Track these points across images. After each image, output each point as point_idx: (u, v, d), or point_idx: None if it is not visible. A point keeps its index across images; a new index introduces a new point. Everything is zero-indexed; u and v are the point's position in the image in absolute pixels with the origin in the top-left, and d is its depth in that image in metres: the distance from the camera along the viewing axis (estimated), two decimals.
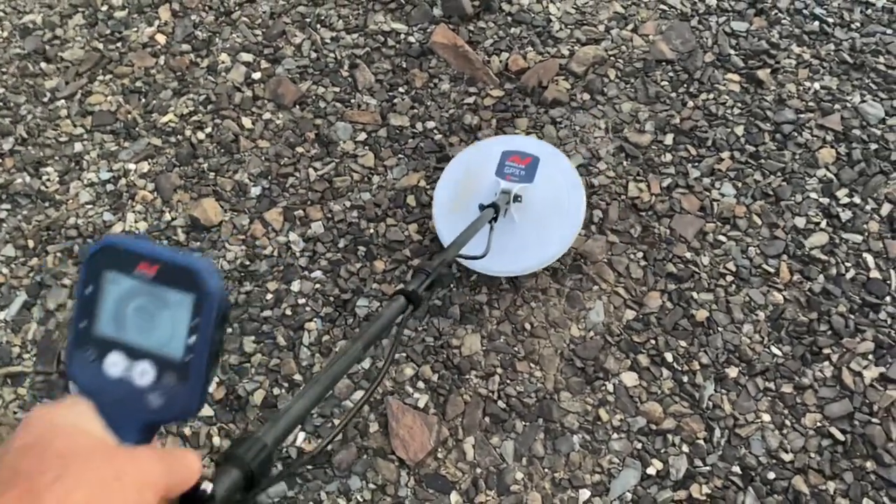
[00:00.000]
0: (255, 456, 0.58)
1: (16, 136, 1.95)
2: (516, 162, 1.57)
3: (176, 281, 0.47)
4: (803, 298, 1.56)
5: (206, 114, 1.92)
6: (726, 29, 1.89)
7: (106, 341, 0.48)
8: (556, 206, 1.62)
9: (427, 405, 1.52)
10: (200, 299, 0.47)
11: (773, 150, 1.72)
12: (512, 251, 1.57)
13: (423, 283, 0.99)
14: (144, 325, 0.48)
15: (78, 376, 0.48)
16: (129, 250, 0.48)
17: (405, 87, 1.91)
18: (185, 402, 0.47)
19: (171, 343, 0.47)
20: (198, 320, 0.47)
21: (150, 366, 0.47)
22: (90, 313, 0.48)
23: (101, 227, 1.79)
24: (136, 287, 0.48)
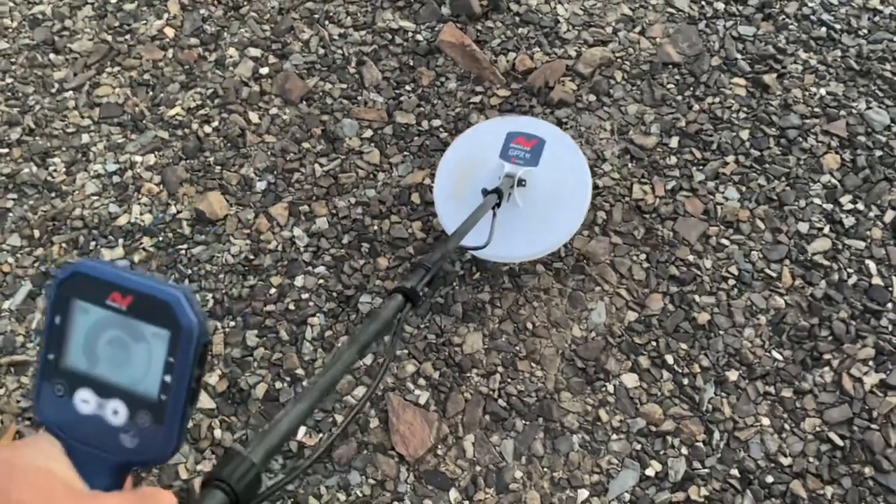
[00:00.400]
0: (241, 477, 0.55)
1: (23, 126, 1.95)
2: (521, 144, 1.54)
3: (151, 314, 0.43)
4: (805, 303, 1.57)
5: (214, 108, 1.93)
6: (733, 33, 1.89)
7: (76, 375, 0.44)
8: (561, 190, 1.57)
9: (428, 402, 1.53)
10: (177, 335, 0.43)
11: (777, 154, 1.73)
12: (516, 237, 1.53)
13: (422, 279, 0.97)
14: (117, 360, 0.44)
15: (45, 412, 0.45)
16: (100, 278, 0.44)
17: (412, 84, 1.92)
18: (160, 445, 0.44)
19: (146, 380, 0.44)
20: (174, 358, 0.43)
21: (123, 404, 0.44)
22: (59, 345, 0.44)
23: (107, 218, 1.79)
24: (108, 318, 0.44)
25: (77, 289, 0.44)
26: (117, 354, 0.44)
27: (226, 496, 0.54)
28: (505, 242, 1.50)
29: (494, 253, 1.54)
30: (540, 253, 1.57)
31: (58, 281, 0.44)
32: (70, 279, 0.44)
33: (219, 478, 0.55)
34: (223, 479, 0.55)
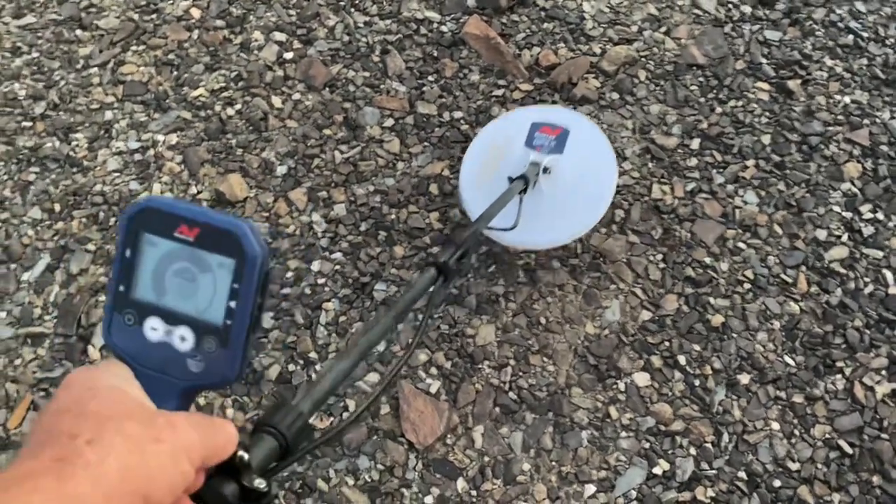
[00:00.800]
0: (290, 424, 0.57)
1: (48, 100, 1.97)
2: (546, 133, 1.55)
3: (217, 244, 0.45)
4: (820, 310, 1.57)
5: (237, 90, 1.94)
6: (759, 37, 1.89)
7: (145, 306, 0.47)
8: (586, 178, 1.58)
9: (439, 391, 1.54)
10: (242, 263, 0.45)
11: (798, 161, 1.72)
12: (540, 223, 1.53)
13: (454, 254, 0.97)
14: (184, 290, 0.46)
15: (116, 341, 0.47)
16: (168, 212, 0.46)
17: (435, 75, 1.92)
18: (226, 369, 0.46)
19: (212, 308, 0.46)
20: (239, 284, 0.45)
21: (190, 331, 0.46)
22: (128, 277, 0.47)
23: (128, 195, 1.81)
24: (175, 250, 0.46)
25: (146, 223, 0.46)
26: (184, 285, 0.46)
27: (276, 442, 0.55)
28: (529, 229, 1.51)
29: (519, 239, 1.55)
30: (564, 240, 1.57)
31: (128, 216, 0.46)
32: (140, 214, 0.46)
33: (269, 424, 0.56)
34: (273, 425, 0.56)
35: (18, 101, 1.97)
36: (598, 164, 1.59)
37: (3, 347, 1.64)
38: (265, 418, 0.57)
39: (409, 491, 1.45)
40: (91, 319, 1.66)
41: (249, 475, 0.49)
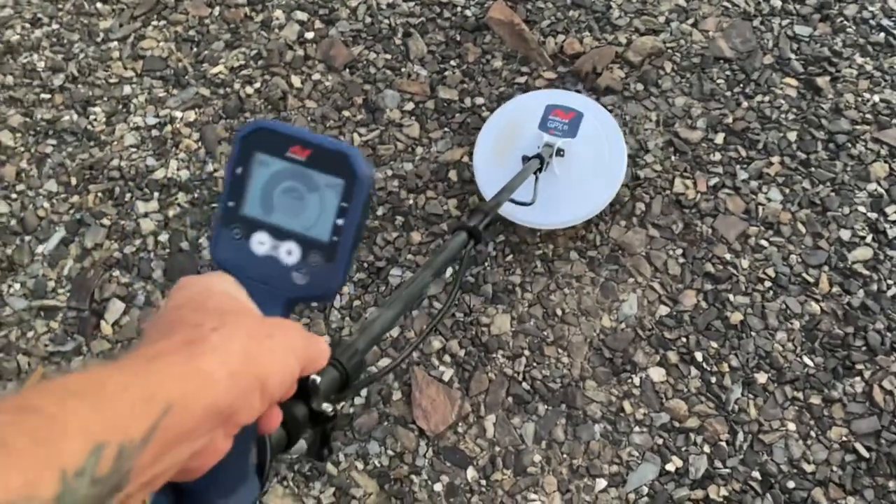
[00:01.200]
0: (349, 358, 0.60)
1: (67, 73, 1.96)
2: (559, 116, 1.59)
3: (328, 165, 0.47)
4: (841, 311, 1.54)
5: (257, 69, 1.92)
6: (789, 32, 1.85)
7: (253, 221, 0.49)
8: (597, 162, 1.62)
9: (452, 379, 1.53)
10: (351, 183, 0.47)
11: (824, 159, 1.69)
12: (552, 204, 1.57)
13: (482, 220, 1.01)
14: (292, 207, 0.48)
15: (223, 254, 0.49)
16: (282, 133, 0.48)
17: (457, 60, 1.90)
18: (329, 281, 0.49)
19: (318, 225, 0.48)
20: (347, 203, 0.48)
21: (296, 245, 0.48)
22: (238, 194, 0.48)
23: (144, 170, 1.80)
24: (287, 169, 0.48)
25: (260, 142, 0.48)
26: (292, 202, 0.48)
27: (337, 373, 0.59)
28: (542, 209, 1.54)
29: (532, 219, 1.58)
30: (576, 220, 1.59)
31: (242, 135, 0.48)
32: (253, 134, 0.48)
33: (331, 356, 0.59)
34: (334, 357, 0.59)
35: (37, 72, 1.96)
36: (609, 149, 1.63)
37: (15, 319, 1.64)
38: None
39: (418, 478, 1.44)
40: (104, 294, 1.65)
41: (318, 399, 0.53)
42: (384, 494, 1.43)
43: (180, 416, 0.36)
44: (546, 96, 1.71)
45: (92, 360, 1.58)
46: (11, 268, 1.70)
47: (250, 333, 0.41)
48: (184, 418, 0.36)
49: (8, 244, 1.72)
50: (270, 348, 0.41)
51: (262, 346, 0.41)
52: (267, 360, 0.41)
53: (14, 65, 1.97)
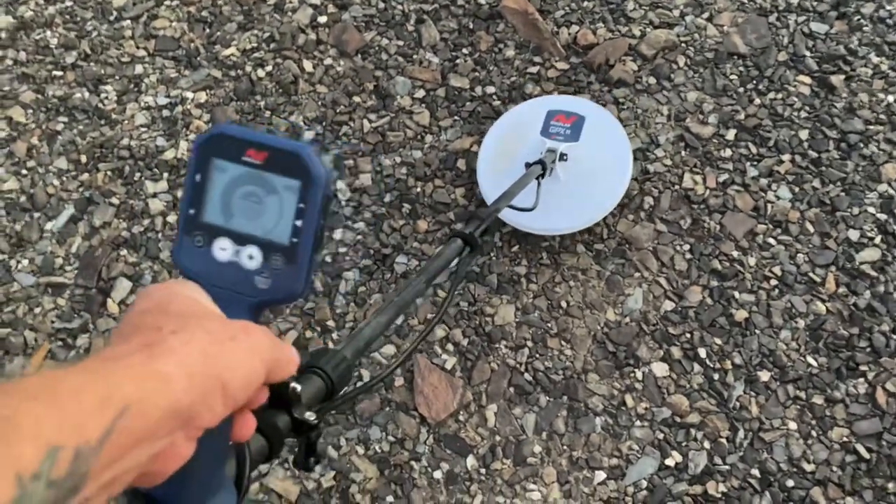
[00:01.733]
0: (335, 366, 0.60)
1: (79, 50, 1.96)
2: (561, 121, 1.57)
3: (284, 167, 0.47)
4: (846, 312, 1.54)
5: (269, 52, 1.92)
6: (804, 29, 1.84)
7: (214, 228, 0.49)
8: (602, 166, 1.61)
9: (454, 368, 1.53)
10: (307, 184, 0.47)
11: (835, 158, 1.68)
12: (556, 210, 1.56)
13: (478, 227, 1.01)
14: (252, 211, 0.48)
15: (186, 262, 0.49)
16: (237, 137, 0.48)
17: (469, 48, 1.89)
18: (292, 284, 0.49)
19: (278, 227, 0.48)
20: (304, 204, 0.48)
21: (257, 250, 0.48)
22: (198, 201, 0.49)
23: (154, 150, 1.80)
24: (244, 174, 0.48)
25: (217, 148, 0.48)
26: (251, 207, 0.48)
27: (322, 382, 0.59)
28: (545, 215, 1.53)
29: (536, 224, 1.57)
30: (580, 226, 1.59)
31: (200, 141, 0.48)
32: (210, 140, 0.48)
33: (315, 365, 0.61)
34: (319, 366, 0.60)
35: (50, 49, 1.96)
36: (613, 152, 1.62)
37: (23, 295, 1.65)
38: (312, 360, 0.62)
39: (418, 464, 1.45)
40: (112, 273, 1.66)
41: (300, 408, 0.54)
42: (384, 479, 1.44)
43: (137, 417, 0.36)
44: (547, 102, 1.70)
45: (96, 339, 1.59)
46: (20, 244, 1.71)
47: (211, 335, 0.41)
48: (141, 420, 0.36)
49: (17, 220, 1.73)
50: (232, 350, 0.41)
51: (223, 347, 0.41)
52: (228, 362, 0.41)
53: (27, 41, 1.97)
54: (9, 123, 1.85)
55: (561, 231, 1.60)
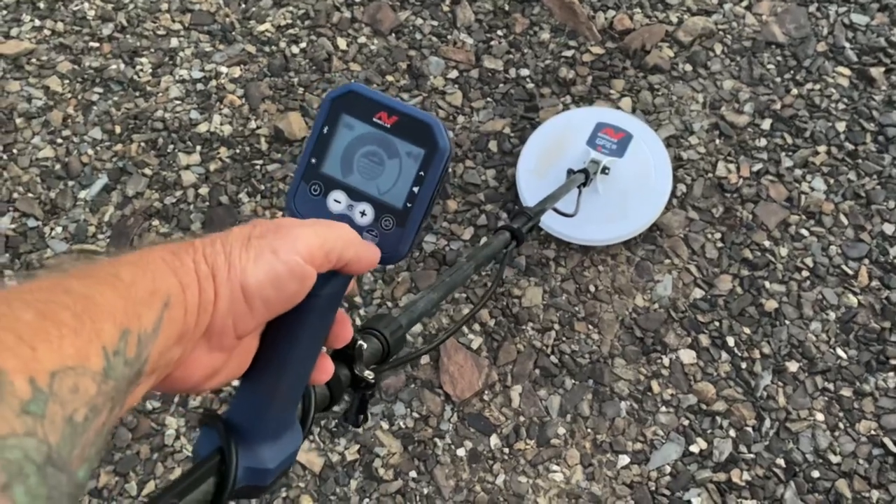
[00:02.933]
0: (393, 331, 0.62)
1: (116, 22, 1.97)
2: (609, 135, 1.57)
3: (411, 133, 0.48)
4: (878, 306, 1.52)
5: (303, 28, 1.92)
6: (845, 20, 1.81)
7: (332, 180, 0.50)
8: (641, 185, 1.61)
9: (480, 347, 1.53)
10: (431, 153, 0.48)
11: (872, 151, 1.66)
12: (591, 221, 1.57)
13: (525, 223, 1.04)
14: (371, 171, 0.49)
15: (299, 207, 0.50)
16: (371, 98, 0.49)
17: (504, 30, 1.89)
18: (397, 245, 0.49)
19: (394, 190, 0.49)
20: (424, 172, 0.48)
21: (371, 208, 0.49)
22: (321, 152, 0.50)
23: (188, 123, 1.81)
24: (370, 134, 0.49)
25: (349, 105, 0.49)
26: (372, 166, 0.49)
27: (380, 344, 0.61)
28: (581, 225, 1.55)
29: (569, 233, 1.59)
30: (613, 240, 1.59)
31: (332, 96, 0.49)
32: (344, 96, 0.49)
33: (373, 328, 0.63)
34: (378, 329, 0.62)
35: (87, 20, 1.98)
36: (654, 176, 1.63)
37: (56, 262, 1.67)
38: (371, 323, 0.64)
39: (442, 441, 1.46)
40: (143, 243, 1.67)
41: (361, 365, 0.56)
42: (407, 455, 1.45)
43: (176, 308, 0.38)
44: (598, 113, 1.70)
45: None
46: (54, 211, 1.73)
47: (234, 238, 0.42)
48: (180, 312, 0.38)
49: (52, 188, 1.75)
50: (258, 247, 0.42)
51: (247, 249, 0.42)
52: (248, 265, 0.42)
53: (65, 11, 1.99)
54: (46, 92, 1.87)
55: (591, 243, 1.59)
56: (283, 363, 0.46)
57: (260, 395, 0.46)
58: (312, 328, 0.46)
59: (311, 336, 0.47)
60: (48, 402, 0.29)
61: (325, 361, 0.50)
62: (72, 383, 0.31)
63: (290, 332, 0.45)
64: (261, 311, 0.42)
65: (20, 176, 1.76)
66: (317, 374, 0.49)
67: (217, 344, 0.42)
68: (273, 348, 0.46)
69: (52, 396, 0.29)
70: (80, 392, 0.31)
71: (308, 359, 0.48)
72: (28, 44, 1.93)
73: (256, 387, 0.46)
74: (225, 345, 0.42)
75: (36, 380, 0.29)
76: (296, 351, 0.46)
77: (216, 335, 0.41)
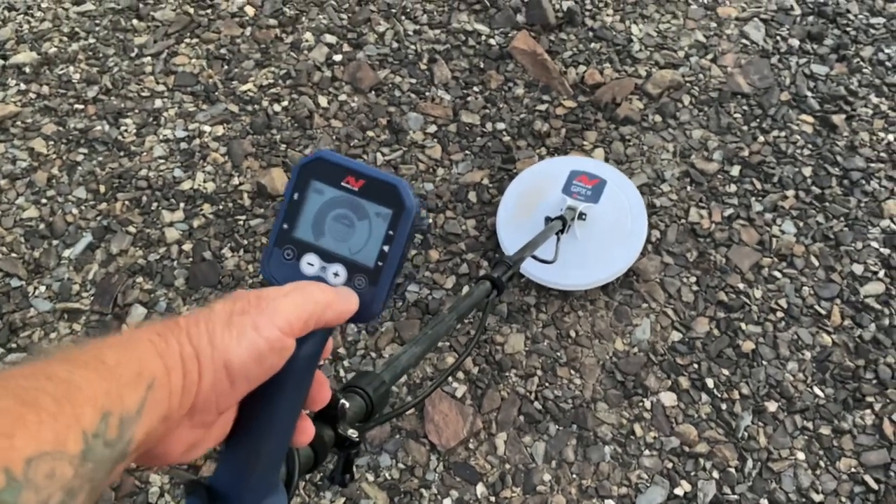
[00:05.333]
0: (376, 388, 0.64)
1: (101, 85, 2.02)
2: (583, 182, 1.62)
3: (378, 195, 0.50)
4: (852, 344, 1.56)
5: (285, 88, 1.97)
6: (806, 71, 1.89)
7: (304, 244, 0.51)
8: (618, 230, 1.66)
9: (464, 396, 1.55)
10: (398, 213, 0.50)
11: (838, 194, 1.72)
12: (570, 266, 1.60)
13: (505, 272, 1.07)
14: (342, 233, 0.51)
15: (274, 271, 0.52)
16: (338, 164, 0.51)
17: (480, 86, 1.95)
18: (371, 304, 0.50)
19: (365, 250, 0.50)
20: (393, 231, 0.50)
21: (343, 268, 0.50)
22: (293, 217, 0.51)
23: (171, 181, 1.84)
24: (340, 198, 0.51)
25: (317, 171, 0.51)
26: (342, 229, 0.51)
27: (363, 402, 0.62)
28: (561, 271, 1.58)
29: (550, 279, 1.62)
30: (592, 284, 1.62)
31: (302, 163, 0.51)
32: (312, 163, 0.51)
33: (357, 385, 0.64)
34: (361, 386, 0.64)
35: (72, 83, 2.02)
36: (630, 219, 1.67)
37: (39, 321, 1.67)
38: (354, 381, 0.65)
39: (428, 492, 1.46)
40: (127, 299, 1.69)
41: (344, 424, 0.57)
42: None
43: (160, 390, 0.38)
44: (571, 162, 1.75)
45: None
46: (38, 270, 1.74)
47: (217, 314, 0.43)
48: (163, 393, 0.39)
49: (36, 247, 1.77)
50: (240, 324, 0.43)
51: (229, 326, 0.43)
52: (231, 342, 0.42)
53: (50, 76, 2.04)
54: (30, 154, 1.90)
55: (572, 287, 1.63)
56: (263, 429, 0.47)
57: (241, 462, 0.47)
58: (291, 392, 0.47)
59: (289, 400, 0.47)
60: (22, 490, 0.30)
61: (306, 423, 0.50)
62: (48, 468, 0.32)
63: (268, 397, 0.46)
64: (243, 386, 0.43)
65: (4, 236, 1.78)
66: (298, 437, 0.50)
67: (199, 421, 0.43)
68: (252, 415, 0.47)
69: (26, 484, 0.30)
70: (57, 476, 0.32)
71: (288, 423, 0.48)
72: (13, 107, 1.96)
73: (238, 453, 0.47)
74: (207, 421, 0.43)
75: (11, 469, 0.30)
76: (275, 416, 0.47)
77: (199, 412, 0.42)
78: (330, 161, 0.51)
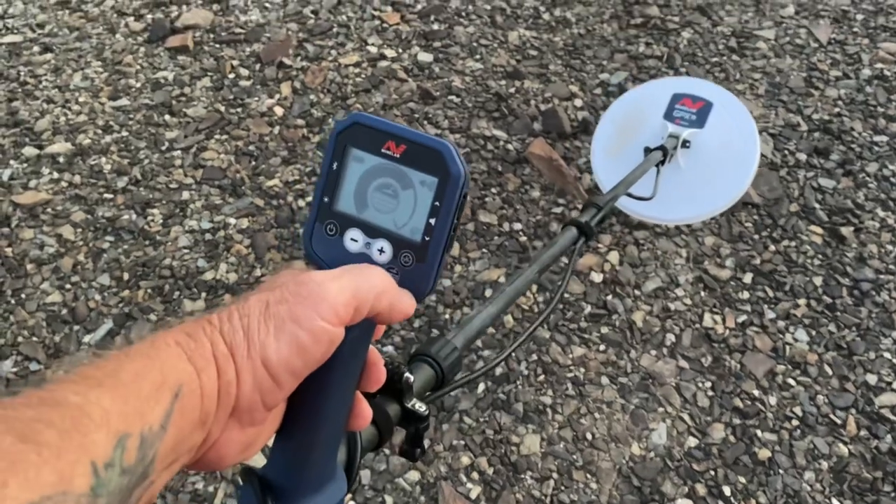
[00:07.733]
0: (446, 356, 0.60)
1: (130, 176, 2.09)
2: (687, 105, 1.51)
3: (422, 162, 0.45)
4: (869, 455, 1.55)
5: (310, 184, 2.04)
6: (814, 184, 1.96)
7: (347, 217, 0.47)
8: (727, 155, 1.51)
9: (479, 497, 1.53)
10: (444, 181, 0.45)
11: (849, 304, 1.75)
12: (677, 199, 1.48)
13: (594, 216, 0.98)
14: (385, 204, 0.46)
15: (316, 249, 0.48)
16: (377, 128, 0.46)
17: (497, 188, 2.02)
18: (420, 282, 0.46)
19: (411, 223, 0.46)
20: (440, 202, 0.45)
21: (388, 244, 0.46)
22: (333, 189, 0.47)
23: (194, 271, 1.88)
24: (381, 166, 0.46)
25: (354, 138, 0.47)
26: (385, 199, 0.47)
27: (433, 370, 0.58)
28: (664, 204, 1.45)
29: (654, 213, 1.50)
30: (701, 216, 1.49)
31: (337, 130, 0.47)
32: (349, 129, 0.47)
33: (427, 354, 0.59)
34: (430, 355, 0.59)
35: (103, 174, 2.09)
36: (739, 142, 1.53)
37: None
38: (423, 349, 0.61)
39: None
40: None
41: (410, 398, 0.53)
42: None
43: (189, 397, 0.36)
44: (673, 84, 1.61)
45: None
46: (57, 355, 1.75)
47: (255, 302, 0.41)
48: (193, 400, 0.36)
49: (57, 332, 1.79)
50: (277, 313, 0.41)
51: (266, 315, 0.40)
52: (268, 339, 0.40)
53: (83, 165, 2.11)
54: (58, 240, 1.95)
55: (678, 222, 1.49)
56: (316, 417, 0.44)
57: (295, 451, 0.45)
58: (340, 377, 0.44)
59: (340, 386, 0.44)
60: None
61: (362, 407, 0.47)
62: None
63: (316, 385, 0.43)
64: (288, 382, 0.40)
65: (26, 320, 1.80)
66: (354, 421, 0.46)
67: (248, 420, 0.40)
68: (303, 403, 0.44)
69: None
70: None
71: (340, 410, 0.45)
72: (45, 194, 2.03)
73: (290, 443, 0.45)
74: (256, 419, 0.41)
75: None
76: (326, 404, 0.44)
77: (245, 412, 0.40)
78: (367, 125, 0.46)
